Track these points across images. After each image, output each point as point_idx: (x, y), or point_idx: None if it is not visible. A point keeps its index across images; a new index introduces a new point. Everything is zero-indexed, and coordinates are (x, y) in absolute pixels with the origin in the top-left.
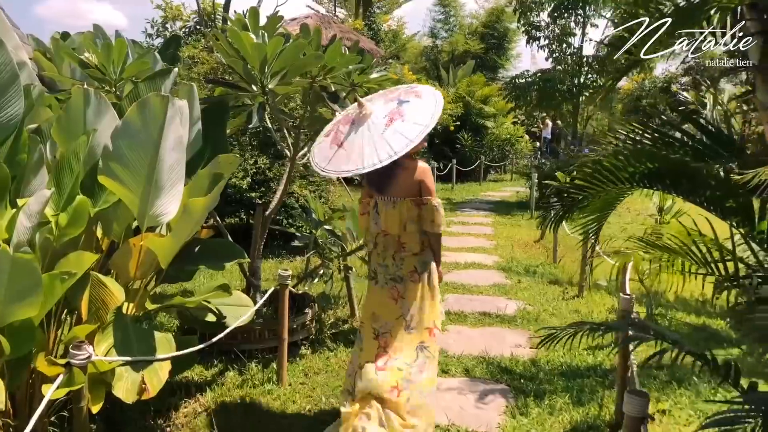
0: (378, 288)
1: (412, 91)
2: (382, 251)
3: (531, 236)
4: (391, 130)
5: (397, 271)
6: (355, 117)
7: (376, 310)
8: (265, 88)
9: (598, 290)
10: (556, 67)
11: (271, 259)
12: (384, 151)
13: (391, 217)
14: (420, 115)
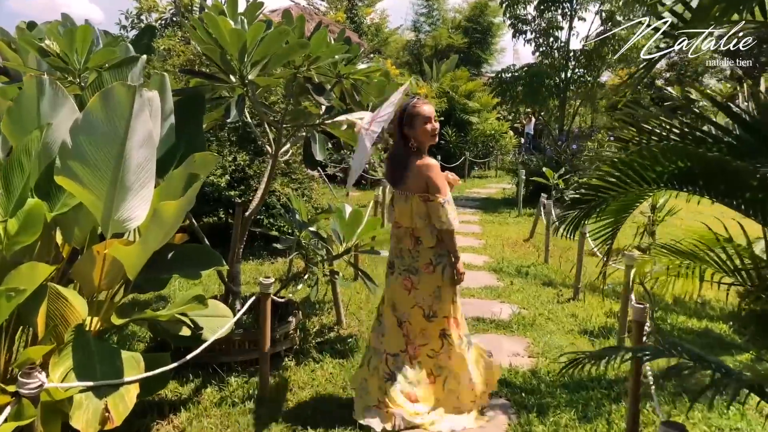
0: (393, 278)
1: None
2: (396, 243)
3: (520, 235)
4: (369, 132)
5: (412, 263)
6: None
7: (394, 300)
8: (244, 78)
9: (593, 293)
10: (542, 62)
11: (251, 260)
12: (363, 153)
13: (404, 211)
14: (385, 108)
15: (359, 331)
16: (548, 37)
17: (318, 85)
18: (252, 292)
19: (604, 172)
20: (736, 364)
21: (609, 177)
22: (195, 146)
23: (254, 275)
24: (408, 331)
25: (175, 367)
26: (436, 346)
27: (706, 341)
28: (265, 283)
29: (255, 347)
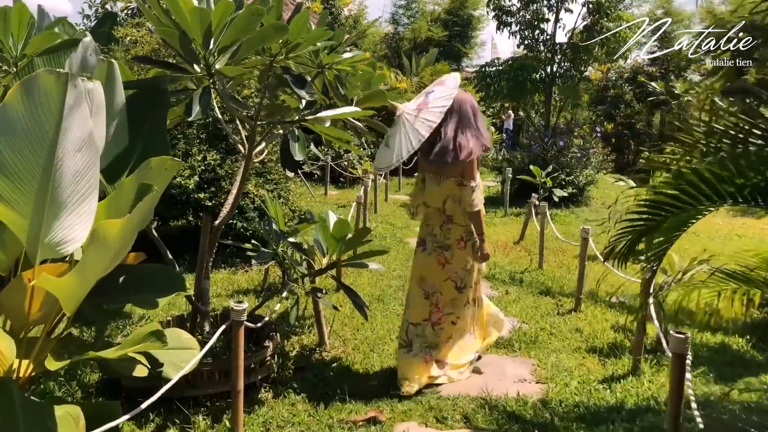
0: (426, 255)
1: (438, 82)
2: (428, 221)
3: (509, 236)
4: (420, 119)
5: (444, 240)
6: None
7: (424, 274)
8: (210, 68)
9: (595, 303)
10: (527, 55)
11: (223, 269)
12: (416, 138)
13: (435, 193)
14: (440, 100)
15: (344, 352)
16: (533, 30)
17: (297, 76)
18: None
19: (669, 183)
20: (762, 384)
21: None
22: (155, 148)
23: (226, 286)
24: (438, 301)
25: (127, 419)
26: (461, 314)
27: (725, 358)
28: (238, 309)
29: (227, 378)
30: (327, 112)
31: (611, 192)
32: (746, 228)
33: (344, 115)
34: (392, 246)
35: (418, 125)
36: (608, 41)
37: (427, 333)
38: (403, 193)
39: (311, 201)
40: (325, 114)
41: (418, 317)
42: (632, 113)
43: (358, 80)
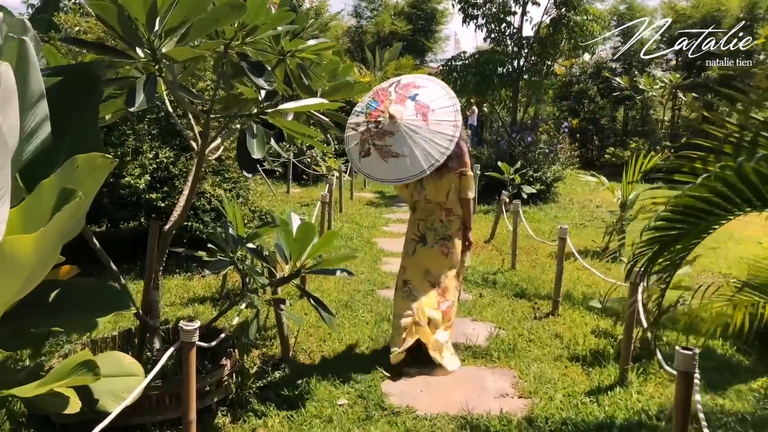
0: (428, 248)
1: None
2: (427, 216)
3: (479, 235)
4: (431, 130)
5: (446, 231)
6: (388, 128)
7: (429, 267)
8: (155, 51)
9: (573, 306)
10: (494, 49)
11: (177, 274)
12: (437, 152)
13: (438, 187)
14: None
15: (311, 367)
16: (500, 23)
17: (255, 63)
18: (179, 318)
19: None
20: (752, 392)
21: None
22: (85, 144)
23: (181, 294)
24: (444, 289)
25: None
26: (454, 297)
27: (711, 364)
28: (188, 328)
29: (179, 403)
30: (289, 104)
31: (578, 188)
32: None
33: (308, 108)
34: (359, 247)
35: (438, 139)
36: (575, 35)
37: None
38: (369, 190)
39: (273, 200)
40: (286, 106)
41: (433, 305)
42: (596, 108)
43: (323, 70)
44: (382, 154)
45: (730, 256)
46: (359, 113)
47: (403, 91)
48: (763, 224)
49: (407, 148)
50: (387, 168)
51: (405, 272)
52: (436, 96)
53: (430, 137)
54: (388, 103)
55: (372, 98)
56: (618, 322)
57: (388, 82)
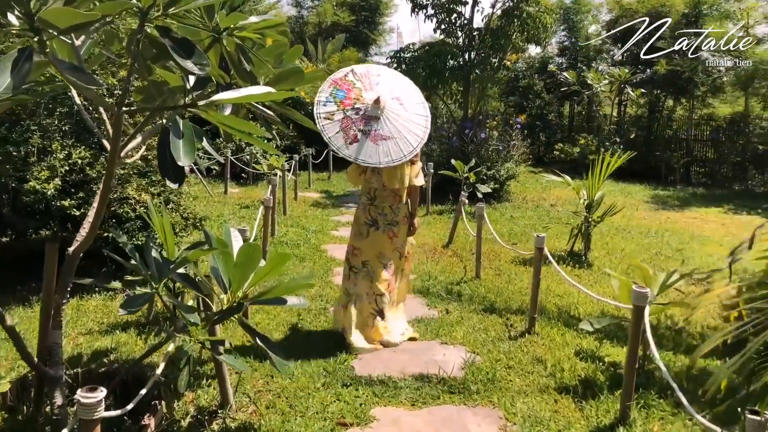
0: (380, 233)
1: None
2: (380, 203)
3: (435, 238)
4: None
5: (394, 217)
6: (371, 113)
7: (381, 250)
8: (32, 17)
9: (550, 322)
10: (444, 41)
11: (97, 293)
12: (420, 132)
13: (393, 175)
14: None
15: (255, 413)
16: (450, 14)
17: (182, 41)
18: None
19: None
20: None
21: None
22: None
23: (100, 319)
24: (392, 271)
25: None
26: (399, 278)
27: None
28: (88, 401)
29: None
30: (226, 94)
31: (531, 186)
32: (672, 222)
33: (250, 99)
34: (307, 255)
35: (416, 120)
36: (528, 27)
37: (388, 300)
38: (314, 190)
39: (209, 202)
40: (223, 97)
41: (384, 289)
42: (543, 104)
43: (267, 54)
44: (372, 138)
45: (697, 257)
46: (326, 102)
47: (365, 80)
48: (719, 222)
49: (394, 130)
50: (378, 151)
51: (362, 253)
52: (401, 84)
53: (411, 119)
54: (357, 91)
55: (334, 88)
56: (606, 343)
57: (341, 72)
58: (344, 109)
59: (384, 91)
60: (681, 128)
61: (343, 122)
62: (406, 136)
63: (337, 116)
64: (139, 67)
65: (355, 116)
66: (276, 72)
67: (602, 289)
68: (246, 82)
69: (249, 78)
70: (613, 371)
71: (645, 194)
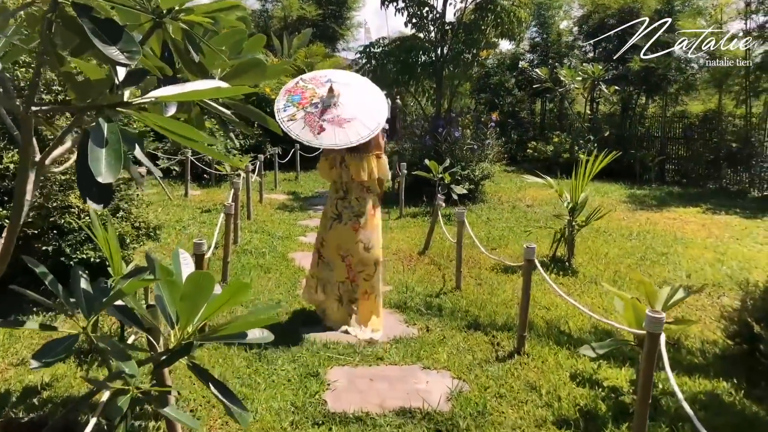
0: (342, 225)
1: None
2: (347, 195)
3: (411, 245)
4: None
5: (360, 209)
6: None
7: (339, 242)
8: None
9: (538, 339)
10: (415, 35)
11: (35, 313)
12: (379, 116)
13: (361, 168)
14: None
15: None
16: (421, 7)
17: (105, 23)
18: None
19: None
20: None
21: None
22: None
23: (38, 343)
24: (350, 262)
25: None
26: (371, 271)
27: (728, 419)
28: None
29: None
30: (165, 91)
31: (505, 186)
32: (653, 223)
33: (198, 96)
34: (273, 266)
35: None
36: (503, 21)
37: (348, 289)
38: (281, 191)
39: (167, 206)
40: (158, 94)
41: (342, 276)
42: (514, 101)
43: (222, 42)
44: (336, 124)
45: (683, 262)
46: (286, 108)
47: (314, 81)
48: (699, 223)
49: (355, 112)
50: (346, 132)
51: (328, 244)
52: (349, 76)
53: (367, 99)
54: (311, 91)
55: (289, 95)
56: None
57: (291, 82)
58: (303, 107)
59: (334, 84)
60: (653, 126)
61: (306, 118)
62: (367, 115)
63: (298, 115)
64: (48, 56)
65: (315, 110)
66: (234, 63)
67: (591, 300)
68: (195, 75)
69: (198, 70)
70: (615, 398)
71: (621, 194)
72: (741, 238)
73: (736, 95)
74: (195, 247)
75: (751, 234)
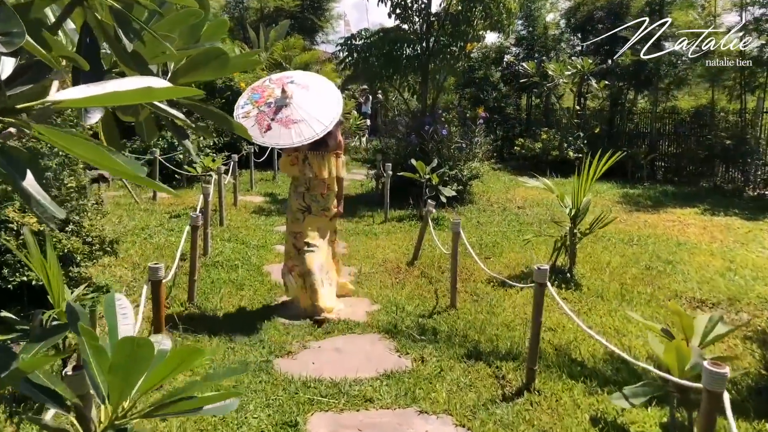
0: (314, 216)
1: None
2: (312, 191)
3: (399, 253)
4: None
5: (326, 204)
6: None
7: (320, 226)
8: None
9: (548, 370)
10: (400, 27)
11: None
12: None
13: (323, 166)
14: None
15: None
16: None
17: None
18: None
19: None
20: None
21: None
22: None
23: None
24: (332, 243)
25: None
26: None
27: None
28: None
29: None
30: (71, 92)
31: (493, 185)
32: (652, 226)
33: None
34: (246, 281)
35: (321, 116)
36: (491, 13)
37: (331, 274)
38: (257, 193)
39: (134, 210)
40: (59, 98)
41: (324, 258)
42: (500, 96)
43: (170, 27)
44: (284, 124)
45: (692, 271)
46: (244, 105)
47: (278, 81)
48: (700, 225)
49: (304, 114)
50: (290, 133)
51: (303, 235)
52: (312, 77)
53: (321, 102)
54: (270, 90)
55: (252, 93)
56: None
57: (261, 81)
58: (258, 106)
59: (292, 85)
60: (642, 122)
61: (258, 116)
62: (317, 117)
63: (252, 113)
64: None
65: (268, 109)
66: (188, 54)
67: (600, 319)
68: (132, 69)
69: (134, 63)
70: None
71: (614, 193)
72: (746, 242)
73: (730, 90)
74: (150, 273)
75: (756, 238)
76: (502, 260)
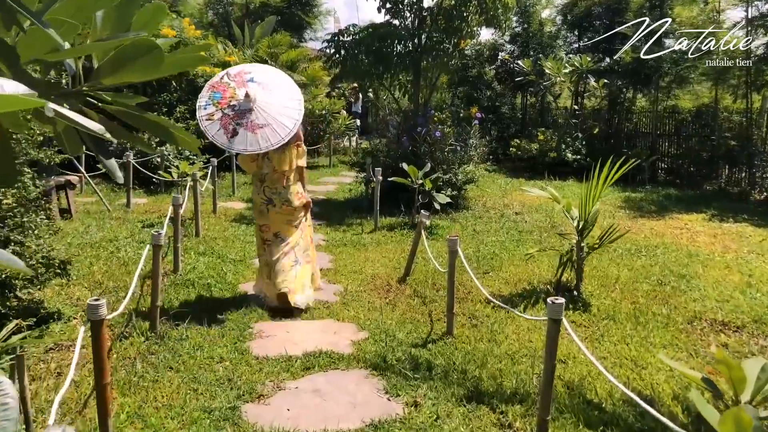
0: (276, 210)
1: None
2: (271, 184)
3: (387, 267)
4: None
5: (287, 196)
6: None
7: (286, 217)
8: None
9: (562, 417)
10: (390, 22)
11: None
12: (290, 119)
13: (283, 159)
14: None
15: None
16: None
17: None
18: None
19: None
20: None
21: None
22: None
23: None
24: (284, 240)
25: None
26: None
27: None
28: None
29: None
30: None
31: (488, 189)
32: (659, 234)
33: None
34: (219, 305)
35: (284, 120)
36: (487, 8)
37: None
38: (239, 198)
39: (105, 219)
40: None
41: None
42: (494, 95)
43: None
44: (249, 128)
45: (709, 288)
46: (206, 106)
47: (238, 78)
48: (709, 234)
49: (269, 118)
50: (257, 138)
51: (270, 228)
52: (272, 75)
53: (284, 104)
54: (231, 90)
55: (212, 92)
56: None
57: (218, 76)
58: (222, 108)
59: (254, 85)
60: (641, 122)
61: (222, 120)
62: (281, 121)
63: (216, 116)
64: None
65: (232, 113)
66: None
67: (614, 347)
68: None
69: (6, 58)
70: None
71: (616, 197)
72: (762, 253)
73: (734, 89)
74: (89, 311)
75: None
76: (501, 275)
